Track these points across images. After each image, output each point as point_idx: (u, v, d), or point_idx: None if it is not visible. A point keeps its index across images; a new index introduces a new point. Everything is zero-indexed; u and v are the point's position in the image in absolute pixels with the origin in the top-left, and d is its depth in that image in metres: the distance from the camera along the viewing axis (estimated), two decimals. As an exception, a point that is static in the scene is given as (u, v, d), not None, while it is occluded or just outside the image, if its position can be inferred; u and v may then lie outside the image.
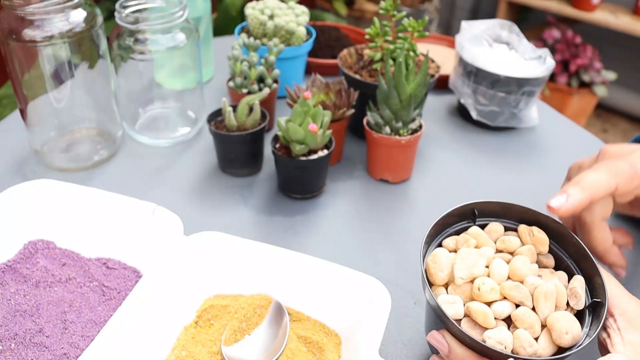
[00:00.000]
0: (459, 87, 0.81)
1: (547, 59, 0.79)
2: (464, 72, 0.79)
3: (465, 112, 0.84)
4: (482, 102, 0.78)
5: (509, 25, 0.84)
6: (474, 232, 0.44)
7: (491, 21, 0.84)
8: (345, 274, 0.48)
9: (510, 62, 0.78)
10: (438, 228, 0.44)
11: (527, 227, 0.44)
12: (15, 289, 0.50)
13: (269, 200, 0.66)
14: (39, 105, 0.67)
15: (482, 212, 0.45)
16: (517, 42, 0.83)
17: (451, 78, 0.84)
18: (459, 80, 0.81)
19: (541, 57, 0.80)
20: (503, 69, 0.76)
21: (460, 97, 0.81)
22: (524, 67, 0.78)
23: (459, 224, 0.45)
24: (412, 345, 0.49)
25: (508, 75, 0.75)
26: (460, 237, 0.44)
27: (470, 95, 0.79)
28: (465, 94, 0.80)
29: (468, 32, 0.83)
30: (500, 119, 0.79)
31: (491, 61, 0.77)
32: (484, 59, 0.78)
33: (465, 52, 0.79)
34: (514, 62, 0.79)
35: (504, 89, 0.76)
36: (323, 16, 1.84)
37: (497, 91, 0.77)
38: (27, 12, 0.60)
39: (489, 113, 0.79)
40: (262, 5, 0.81)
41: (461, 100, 0.80)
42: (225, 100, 0.66)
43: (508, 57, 0.80)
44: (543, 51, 0.80)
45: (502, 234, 0.45)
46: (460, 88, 0.81)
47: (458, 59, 0.81)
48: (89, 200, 0.56)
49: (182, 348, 0.46)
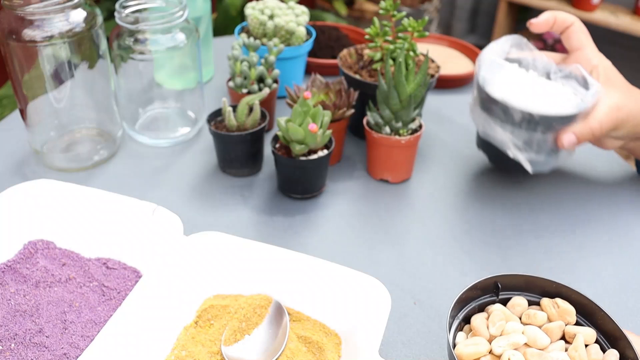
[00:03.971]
0: (492, 134, 0.61)
1: (587, 80, 0.60)
2: (503, 117, 0.59)
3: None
4: (532, 150, 0.60)
5: (523, 42, 0.65)
6: (500, 311, 0.43)
7: (502, 41, 0.65)
8: (345, 274, 0.48)
9: (553, 95, 0.60)
10: (462, 302, 0.43)
11: (550, 300, 0.44)
12: (15, 289, 0.50)
13: (269, 200, 0.66)
14: (39, 105, 0.67)
15: (505, 285, 0.45)
16: (538, 62, 0.63)
17: (476, 120, 0.64)
18: (492, 126, 0.61)
19: (571, 77, 0.62)
20: (555, 107, 0.58)
21: (499, 145, 0.62)
22: (570, 100, 0.60)
23: (482, 298, 0.45)
24: (412, 345, 0.49)
25: (562, 115, 0.58)
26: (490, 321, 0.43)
27: (521, 146, 0.60)
28: (511, 144, 0.60)
29: (489, 61, 0.62)
30: (550, 164, 0.62)
31: (534, 97, 0.59)
32: (523, 94, 0.60)
33: (499, 90, 0.60)
34: (555, 93, 0.61)
35: (548, 129, 0.59)
36: (323, 16, 1.84)
37: (542, 134, 0.59)
38: (27, 12, 0.60)
39: (542, 163, 0.61)
40: (262, 5, 0.81)
41: (509, 153, 0.60)
42: (225, 100, 0.66)
43: (548, 87, 0.61)
44: (573, 68, 0.62)
45: (525, 308, 0.44)
46: (498, 135, 0.61)
47: (486, 98, 0.60)
48: (89, 200, 0.56)
49: (182, 348, 0.46)
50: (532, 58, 0.63)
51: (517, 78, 0.62)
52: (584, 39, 0.63)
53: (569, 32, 0.63)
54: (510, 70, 0.62)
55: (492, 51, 0.63)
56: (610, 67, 0.62)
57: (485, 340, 0.41)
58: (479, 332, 0.41)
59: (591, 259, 0.60)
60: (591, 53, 0.62)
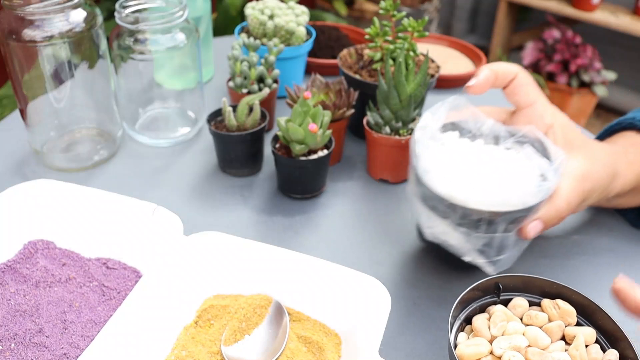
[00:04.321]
0: (444, 238, 0.49)
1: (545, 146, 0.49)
2: (457, 219, 0.47)
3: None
4: (494, 252, 0.49)
5: (462, 102, 0.52)
6: (502, 312, 0.43)
7: (439, 110, 0.51)
8: (345, 274, 0.48)
9: (513, 180, 0.47)
10: (463, 302, 0.43)
11: (550, 301, 0.44)
12: (15, 289, 0.50)
13: (269, 200, 0.66)
14: (39, 105, 0.67)
15: (506, 286, 0.45)
16: (484, 126, 0.52)
17: (420, 219, 0.50)
18: (443, 229, 0.48)
19: (525, 141, 0.50)
20: (519, 197, 0.46)
21: (452, 250, 0.49)
22: (532, 180, 0.48)
23: (483, 299, 0.45)
24: (412, 345, 0.49)
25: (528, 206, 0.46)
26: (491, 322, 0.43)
27: (481, 249, 0.48)
28: (468, 249, 0.48)
29: (425, 144, 0.49)
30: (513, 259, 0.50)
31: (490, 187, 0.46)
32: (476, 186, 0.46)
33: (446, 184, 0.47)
34: (514, 175, 0.48)
35: (512, 224, 0.47)
36: (323, 16, 1.84)
37: (505, 232, 0.48)
38: (27, 12, 0.60)
39: (504, 261, 0.50)
40: (262, 5, 0.81)
41: (465, 259, 0.49)
42: (225, 100, 0.66)
43: (505, 168, 0.49)
44: (526, 130, 0.50)
45: (526, 309, 0.44)
46: (452, 240, 0.49)
47: (430, 195, 0.47)
48: (89, 200, 0.56)
49: (182, 348, 0.46)
50: (475, 121, 0.52)
51: (464, 161, 0.49)
52: (532, 92, 0.52)
53: (513, 86, 0.53)
54: (453, 151, 0.50)
55: (427, 126, 0.50)
56: (567, 124, 0.53)
57: (486, 341, 0.41)
58: (480, 332, 0.41)
59: (591, 259, 0.60)
60: (542, 109, 0.52)
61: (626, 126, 0.60)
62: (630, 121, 0.59)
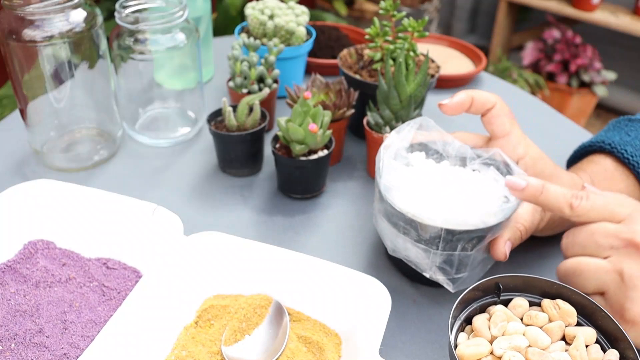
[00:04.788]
0: (404, 253, 0.50)
1: (510, 167, 0.50)
2: (415, 234, 0.48)
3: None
4: (454, 269, 0.49)
5: (430, 123, 0.54)
6: (502, 312, 0.43)
7: (405, 128, 0.53)
8: (345, 274, 0.48)
9: (474, 200, 0.48)
10: (463, 302, 0.43)
11: (550, 301, 0.44)
12: (15, 289, 0.50)
13: (269, 200, 0.66)
14: (39, 105, 0.67)
15: (506, 286, 0.45)
16: (450, 147, 0.53)
17: (382, 233, 0.52)
18: (404, 244, 0.49)
19: (491, 163, 0.52)
20: (480, 216, 0.47)
21: (413, 265, 0.50)
22: (493, 201, 0.49)
23: (483, 299, 0.45)
24: (412, 345, 0.49)
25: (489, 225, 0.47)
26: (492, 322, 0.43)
27: (440, 265, 0.49)
28: (427, 266, 0.49)
29: (389, 162, 0.50)
30: (475, 277, 0.51)
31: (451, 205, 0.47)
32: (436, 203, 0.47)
33: (406, 200, 0.48)
34: (476, 196, 0.49)
35: (474, 243, 0.48)
36: (323, 16, 1.84)
37: (464, 251, 0.48)
38: (27, 12, 0.60)
39: (467, 278, 0.50)
40: (262, 5, 0.81)
41: (425, 274, 0.49)
42: (225, 100, 0.66)
43: (466, 189, 0.50)
44: (493, 153, 0.52)
45: (527, 309, 0.44)
46: (411, 255, 0.49)
47: (391, 210, 0.48)
48: (89, 200, 0.56)
49: (182, 348, 0.46)
50: (443, 142, 0.53)
51: (427, 180, 0.50)
52: (507, 124, 0.54)
53: (491, 115, 0.54)
54: (418, 171, 0.51)
55: (392, 144, 0.52)
56: (539, 156, 0.55)
57: (487, 341, 0.41)
58: (481, 333, 0.41)
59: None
60: (516, 140, 0.54)
61: (596, 149, 0.61)
62: (600, 144, 0.60)
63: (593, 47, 2.20)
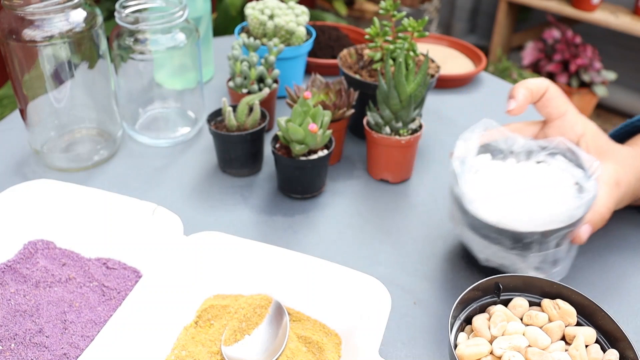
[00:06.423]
0: (501, 262, 0.51)
1: (577, 154, 0.51)
2: (509, 243, 0.49)
3: None
4: (549, 265, 0.51)
5: (492, 125, 0.54)
6: (502, 312, 0.43)
7: (470, 136, 0.53)
8: (345, 274, 0.48)
9: (554, 198, 0.50)
10: (463, 302, 0.44)
11: (550, 301, 0.44)
12: (15, 289, 0.50)
13: (269, 200, 0.66)
14: (39, 105, 0.67)
15: (506, 286, 0.45)
16: (515, 145, 0.54)
17: (471, 244, 0.53)
18: (499, 254, 0.50)
19: (557, 153, 0.53)
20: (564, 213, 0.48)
21: (511, 270, 0.51)
22: (571, 194, 0.50)
23: (483, 299, 0.45)
24: (412, 345, 0.49)
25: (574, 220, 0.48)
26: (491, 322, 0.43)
27: (538, 266, 0.50)
28: (527, 268, 0.50)
29: (463, 173, 0.51)
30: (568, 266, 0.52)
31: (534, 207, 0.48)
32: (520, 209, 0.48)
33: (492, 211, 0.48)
34: (554, 192, 0.50)
35: (562, 239, 0.49)
36: (323, 16, 1.84)
37: (557, 246, 0.50)
38: (27, 12, 0.60)
39: (561, 270, 0.52)
40: (262, 5, 0.81)
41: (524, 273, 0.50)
42: (225, 100, 0.66)
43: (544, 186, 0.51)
44: (557, 142, 0.52)
45: (526, 309, 0.44)
46: (507, 262, 0.51)
47: (478, 224, 0.50)
48: (89, 200, 0.56)
49: (182, 348, 0.46)
50: (506, 140, 0.54)
51: (503, 184, 0.51)
52: (562, 104, 0.56)
53: (544, 100, 0.56)
54: (491, 176, 0.52)
55: (463, 155, 0.52)
56: (597, 132, 0.56)
57: (487, 341, 0.41)
58: (480, 332, 0.41)
59: (591, 259, 0.60)
60: (573, 119, 0.56)
61: None
62: None
63: (593, 47, 2.20)
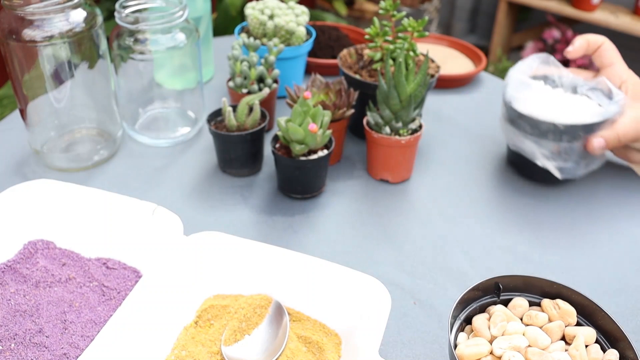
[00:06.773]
0: (521, 145, 0.66)
1: (612, 91, 0.65)
2: (530, 129, 0.64)
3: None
4: (561, 159, 0.65)
5: (550, 59, 0.70)
6: (502, 312, 0.43)
7: (530, 60, 0.69)
8: (345, 274, 0.48)
9: (577, 107, 0.64)
10: (463, 302, 0.44)
11: (550, 301, 0.44)
12: (15, 289, 0.50)
13: (269, 200, 0.66)
14: (39, 105, 0.67)
15: (506, 286, 0.45)
16: (565, 79, 0.68)
17: (505, 134, 0.69)
18: (520, 139, 0.66)
19: (597, 89, 0.66)
20: (579, 116, 0.63)
21: (528, 156, 0.66)
22: (593, 110, 0.63)
23: (483, 299, 0.45)
24: (412, 345, 0.49)
25: (586, 123, 0.62)
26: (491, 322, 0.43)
27: (549, 155, 0.64)
28: (539, 154, 0.65)
29: (516, 80, 0.68)
30: (580, 171, 0.66)
31: (559, 109, 0.63)
32: (548, 108, 0.64)
33: (525, 106, 0.65)
34: (579, 105, 0.65)
35: (574, 138, 0.63)
36: (323, 16, 1.84)
37: (568, 143, 0.63)
38: (27, 12, 0.60)
39: (571, 169, 0.65)
40: (262, 5, 0.81)
41: (538, 163, 0.65)
42: (225, 100, 0.66)
43: (572, 100, 0.66)
44: (599, 80, 0.66)
45: (526, 309, 0.44)
46: (526, 147, 0.66)
47: (513, 114, 0.66)
48: (89, 200, 0.56)
49: (182, 348, 0.46)
50: (559, 75, 0.68)
51: (543, 94, 0.66)
52: (614, 55, 0.67)
53: (600, 50, 0.67)
54: (536, 88, 0.67)
55: (519, 70, 0.68)
56: (638, 82, 0.66)
57: (486, 341, 0.41)
58: (480, 332, 0.41)
59: (591, 259, 0.60)
60: (621, 69, 0.66)
61: None
62: None
63: (593, 47, 2.20)
